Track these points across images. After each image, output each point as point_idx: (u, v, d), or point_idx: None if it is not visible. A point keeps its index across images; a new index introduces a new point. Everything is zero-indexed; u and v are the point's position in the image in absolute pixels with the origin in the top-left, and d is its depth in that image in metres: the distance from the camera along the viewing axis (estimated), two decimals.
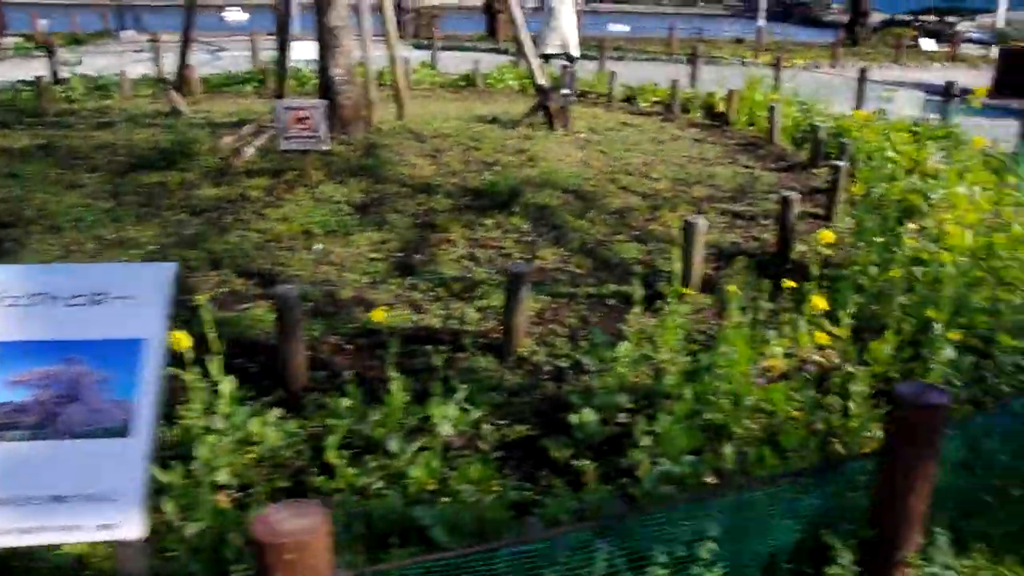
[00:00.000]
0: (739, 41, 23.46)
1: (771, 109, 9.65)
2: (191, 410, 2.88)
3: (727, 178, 7.63)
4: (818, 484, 2.35)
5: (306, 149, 6.80)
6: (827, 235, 4.25)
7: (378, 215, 6.13)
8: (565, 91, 9.19)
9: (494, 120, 9.54)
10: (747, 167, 8.23)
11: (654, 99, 12.44)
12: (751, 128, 10.25)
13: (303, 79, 13.53)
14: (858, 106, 11.64)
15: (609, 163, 7.92)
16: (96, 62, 14.07)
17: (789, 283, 4.21)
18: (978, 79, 16.84)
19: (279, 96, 9.13)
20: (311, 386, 3.61)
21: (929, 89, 12.90)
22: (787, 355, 4.09)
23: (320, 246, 5.54)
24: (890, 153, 7.92)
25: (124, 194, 6.53)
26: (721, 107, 11.05)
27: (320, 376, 3.72)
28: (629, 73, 14.54)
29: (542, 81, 9.15)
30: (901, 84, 17.21)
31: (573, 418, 3.14)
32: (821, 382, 3.81)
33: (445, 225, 5.91)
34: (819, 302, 3.72)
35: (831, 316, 4.20)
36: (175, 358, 2.61)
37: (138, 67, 13.53)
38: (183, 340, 2.56)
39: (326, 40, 8.19)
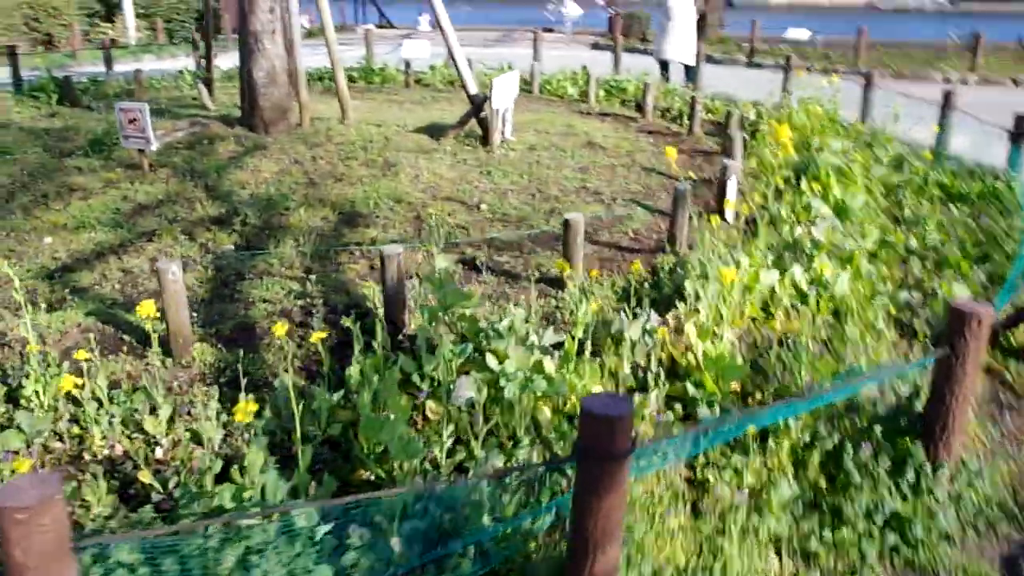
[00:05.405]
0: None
1: (692, 112, 8.21)
2: None
3: (575, 211, 6.71)
4: None
5: (140, 148, 7.31)
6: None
7: (157, 216, 6.49)
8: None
9: (430, 128, 9.29)
10: (639, 204, 7.17)
11: (708, 119, 11.02)
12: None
13: (388, 76, 14.20)
14: (863, 117, 10.20)
15: (464, 186, 7.38)
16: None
17: None
18: None
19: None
20: None
21: None
22: None
23: (49, 239, 6.03)
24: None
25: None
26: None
27: None
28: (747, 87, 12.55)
29: (474, 89, 8.71)
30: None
31: None
32: None
33: (172, 234, 6.09)
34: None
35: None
36: None
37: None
38: None
39: (249, 45, 8.61)
